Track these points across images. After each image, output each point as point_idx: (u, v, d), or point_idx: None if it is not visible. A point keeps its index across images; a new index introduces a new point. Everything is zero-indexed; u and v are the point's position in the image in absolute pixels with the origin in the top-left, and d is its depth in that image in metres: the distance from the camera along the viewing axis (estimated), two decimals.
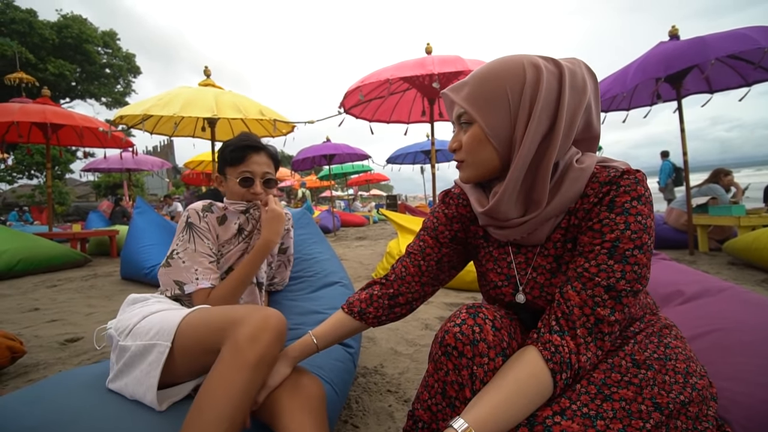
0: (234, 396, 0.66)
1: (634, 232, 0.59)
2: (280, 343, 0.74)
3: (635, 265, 0.59)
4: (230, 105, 3.86)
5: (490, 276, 0.76)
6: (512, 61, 0.65)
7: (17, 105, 4.72)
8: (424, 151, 8.89)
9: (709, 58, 3.12)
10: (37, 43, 16.10)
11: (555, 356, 0.58)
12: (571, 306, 0.61)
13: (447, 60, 3.51)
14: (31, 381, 1.45)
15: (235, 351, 0.69)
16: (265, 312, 0.75)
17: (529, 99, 0.63)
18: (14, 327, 2.13)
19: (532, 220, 0.67)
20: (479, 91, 0.65)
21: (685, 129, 3.86)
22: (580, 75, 0.65)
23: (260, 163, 1.11)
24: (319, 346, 0.81)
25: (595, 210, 0.63)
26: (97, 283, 3.52)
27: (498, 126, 0.65)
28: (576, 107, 0.64)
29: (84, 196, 21.05)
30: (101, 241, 5.61)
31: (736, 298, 1.09)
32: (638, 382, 0.59)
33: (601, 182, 0.64)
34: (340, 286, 1.39)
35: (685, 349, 0.67)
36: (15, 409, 0.74)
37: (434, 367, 0.66)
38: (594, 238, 0.62)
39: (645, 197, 0.61)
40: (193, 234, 1.03)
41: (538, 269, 0.70)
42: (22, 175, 15.32)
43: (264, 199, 1.13)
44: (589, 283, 0.60)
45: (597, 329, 0.60)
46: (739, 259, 3.27)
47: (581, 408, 0.57)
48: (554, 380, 0.58)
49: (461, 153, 0.70)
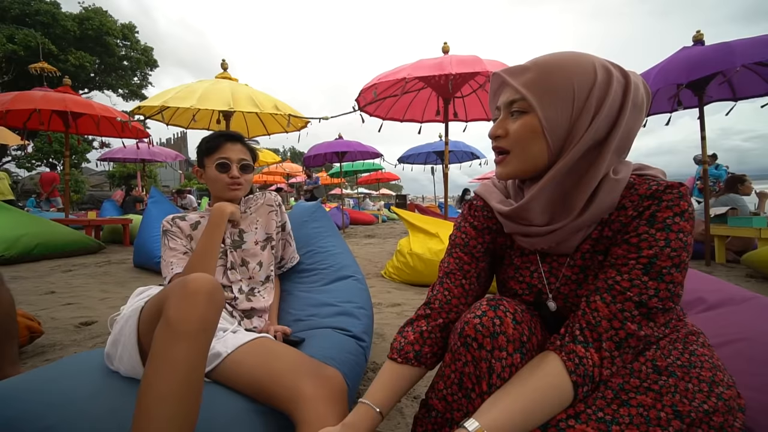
0: (176, 370, 0.63)
1: (674, 250, 0.57)
2: (213, 304, 0.69)
3: (670, 284, 0.58)
4: (246, 99, 3.89)
5: (510, 284, 0.75)
6: (582, 58, 0.61)
7: (39, 93, 4.84)
8: (436, 151, 8.85)
9: (735, 65, 3.03)
10: (60, 35, 16.46)
11: (579, 368, 0.57)
12: (599, 318, 0.59)
13: (464, 60, 3.48)
14: (47, 360, 1.48)
15: (166, 325, 0.65)
16: (187, 279, 0.70)
17: (596, 101, 0.59)
18: (32, 308, 2.18)
19: (561, 229, 0.64)
20: (543, 79, 0.61)
21: (706, 137, 3.77)
22: (641, 92, 0.63)
23: (235, 150, 1.17)
24: (383, 413, 0.66)
25: (633, 224, 0.61)
26: (111, 269, 3.59)
27: (556, 121, 0.61)
28: (633, 125, 0.62)
29: (98, 185, 21.47)
30: (115, 229, 5.72)
31: (761, 308, 1.06)
32: (658, 389, 0.57)
33: (641, 195, 0.61)
34: (354, 281, 1.39)
35: (711, 357, 0.65)
36: (36, 387, 0.76)
37: (451, 358, 0.64)
38: (630, 252, 0.60)
39: (688, 213, 0.59)
40: (168, 237, 1.14)
41: (563, 279, 0.69)
42: (41, 162, 15.71)
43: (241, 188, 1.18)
44: (620, 296, 0.59)
45: (626, 344, 0.58)
46: (760, 272, 3.17)
47: (596, 412, 0.55)
48: (575, 392, 0.57)
49: (506, 141, 0.66)
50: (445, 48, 3.92)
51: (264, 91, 4.40)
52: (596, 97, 0.60)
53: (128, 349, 0.78)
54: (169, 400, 0.61)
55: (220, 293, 0.72)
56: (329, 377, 0.77)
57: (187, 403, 0.63)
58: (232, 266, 1.15)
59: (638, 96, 0.62)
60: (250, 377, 0.79)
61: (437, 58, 3.69)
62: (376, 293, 2.73)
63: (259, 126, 5.62)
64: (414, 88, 4.49)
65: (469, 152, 8.87)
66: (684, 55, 3.50)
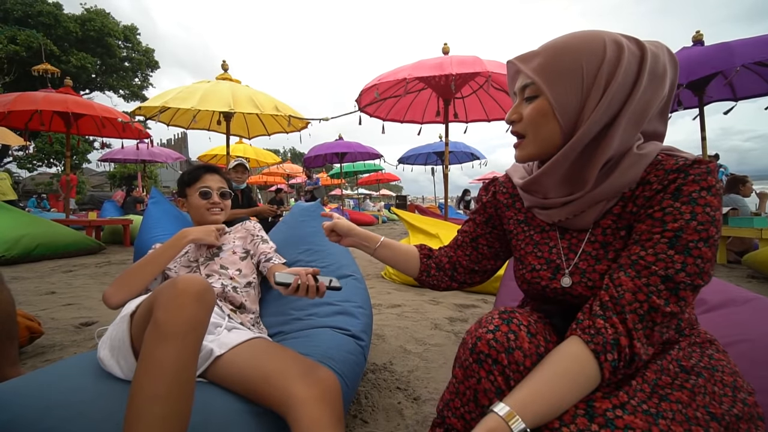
0: (165, 371, 0.62)
1: (700, 223, 0.55)
2: (202, 305, 0.69)
3: (698, 258, 0.55)
4: (247, 100, 3.90)
5: (529, 259, 0.73)
6: (592, 36, 0.61)
7: (41, 94, 4.85)
8: (437, 152, 8.85)
9: (734, 65, 3.03)
10: (61, 36, 16.51)
11: (596, 338, 0.55)
12: (623, 291, 0.57)
13: (465, 61, 3.48)
14: (47, 361, 1.48)
15: (155, 326, 0.65)
16: (176, 280, 0.70)
17: (605, 77, 0.59)
18: (32, 309, 2.18)
19: (576, 201, 0.64)
20: (552, 63, 0.62)
21: (706, 137, 3.77)
22: (662, 61, 0.61)
23: (215, 179, 1.32)
24: (381, 243, 0.92)
25: (658, 197, 0.59)
26: (111, 270, 3.59)
27: (567, 101, 0.61)
28: (651, 96, 0.61)
29: (99, 185, 21.51)
30: (115, 229, 5.73)
31: (763, 309, 1.05)
32: (690, 387, 0.56)
33: (667, 170, 0.59)
34: (353, 280, 1.39)
35: (729, 363, 0.63)
36: (35, 390, 0.76)
37: (464, 374, 0.62)
38: (654, 227, 0.58)
39: (716, 189, 0.57)
40: None
41: (582, 255, 0.67)
42: (42, 163, 15.74)
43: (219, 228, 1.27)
44: (645, 271, 0.57)
45: (649, 317, 0.55)
46: (760, 272, 3.17)
47: (641, 404, 0.53)
48: (599, 361, 0.54)
49: (521, 126, 0.67)
50: (445, 49, 3.92)
51: (264, 92, 4.41)
52: (606, 73, 0.59)
53: (123, 353, 0.78)
54: (160, 400, 0.61)
55: (210, 293, 0.71)
56: (322, 378, 0.76)
57: (178, 403, 0.63)
58: (208, 276, 1.18)
59: (658, 65, 0.60)
60: (243, 378, 0.79)
61: (437, 59, 3.69)
62: (376, 294, 2.72)
63: (259, 126, 5.63)
64: (414, 89, 4.49)
65: (469, 153, 8.87)
66: (683, 55, 3.50)
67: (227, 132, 4.57)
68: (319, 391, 0.73)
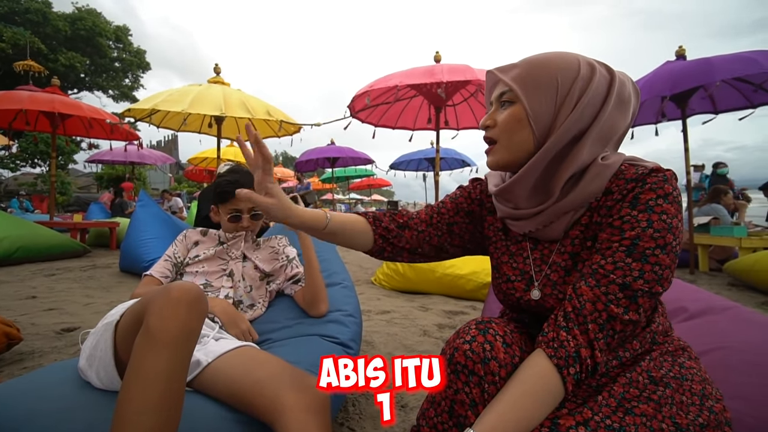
0: (156, 380, 0.61)
1: (657, 231, 0.57)
2: (195, 313, 0.67)
3: (656, 266, 0.57)
4: (238, 104, 3.89)
5: (504, 269, 0.75)
6: (568, 55, 0.65)
7: (26, 93, 4.76)
8: (428, 158, 8.92)
9: (714, 80, 3.14)
10: (50, 34, 16.25)
11: (559, 351, 0.56)
12: (584, 301, 0.59)
13: (456, 69, 3.53)
14: (26, 369, 1.44)
15: (147, 333, 0.64)
16: (169, 287, 0.69)
17: (578, 92, 0.63)
18: (11, 314, 2.12)
19: (545, 211, 0.66)
20: (530, 74, 0.65)
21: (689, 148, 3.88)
22: (628, 88, 0.65)
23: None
24: (330, 221, 0.75)
25: (617, 206, 0.61)
26: (96, 274, 3.51)
27: (541, 110, 0.64)
28: (618, 119, 0.64)
29: (85, 187, 21.05)
30: (101, 232, 5.60)
31: (740, 317, 1.08)
32: (657, 399, 0.57)
33: (627, 179, 0.62)
34: (342, 288, 1.38)
35: (700, 370, 0.65)
36: (10, 399, 0.74)
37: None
38: (613, 235, 0.60)
39: (672, 196, 0.59)
40: (173, 244, 1.26)
41: (553, 266, 0.68)
42: (26, 163, 15.37)
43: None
44: (603, 279, 0.58)
45: (609, 326, 0.57)
46: (740, 280, 3.26)
47: (604, 420, 0.55)
48: (562, 376, 0.56)
49: (495, 131, 0.69)
50: (437, 57, 3.98)
51: (256, 96, 4.40)
52: (579, 88, 0.63)
53: (104, 363, 0.76)
54: (149, 411, 0.59)
55: (204, 302, 0.70)
56: (311, 387, 0.75)
57: (168, 413, 0.61)
58: (230, 274, 1.19)
59: (624, 91, 0.64)
60: (231, 387, 0.78)
61: (429, 66, 3.74)
62: (366, 300, 2.72)
63: None
64: (406, 95, 4.54)
65: (459, 160, 8.96)
66: (667, 69, 3.61)
67: (218, 135, 4.55)
68: (308, 400, 0.73)
